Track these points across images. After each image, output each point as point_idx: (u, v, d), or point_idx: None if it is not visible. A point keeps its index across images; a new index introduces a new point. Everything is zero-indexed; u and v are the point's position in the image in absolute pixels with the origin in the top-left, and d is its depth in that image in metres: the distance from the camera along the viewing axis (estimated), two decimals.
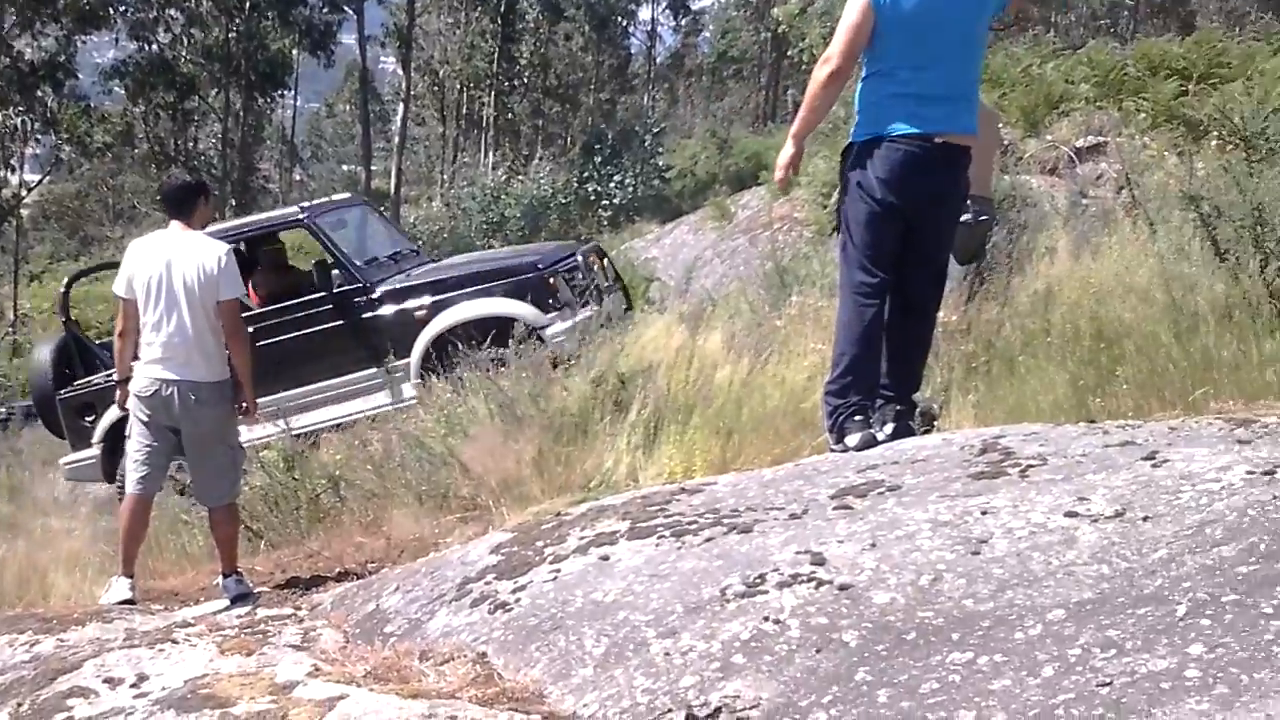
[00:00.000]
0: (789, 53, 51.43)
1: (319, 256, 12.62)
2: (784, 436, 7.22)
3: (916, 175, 5.32)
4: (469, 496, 7.90)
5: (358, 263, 12.17)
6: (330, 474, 8.99)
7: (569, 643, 3.93)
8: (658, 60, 73.41)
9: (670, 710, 3.30)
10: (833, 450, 5.48)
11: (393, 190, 47.40)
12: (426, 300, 11.77)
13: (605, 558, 4.50)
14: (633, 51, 70.85)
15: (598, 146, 40.18)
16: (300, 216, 12.50)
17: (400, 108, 50.53)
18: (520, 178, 39.57)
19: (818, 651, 3.37)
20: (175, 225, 6.91)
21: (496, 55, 53.18)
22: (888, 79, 5.36)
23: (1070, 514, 3.86)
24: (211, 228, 14.58)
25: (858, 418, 5.41)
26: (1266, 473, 3.87)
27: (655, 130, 42.07)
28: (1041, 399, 6.45)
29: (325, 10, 48.59)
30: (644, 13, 68.62)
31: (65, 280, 14.67)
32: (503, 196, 37.04)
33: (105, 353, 13.18)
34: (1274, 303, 6.16)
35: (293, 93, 59.43)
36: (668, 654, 3.60)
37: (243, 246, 13.03)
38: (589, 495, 6.80)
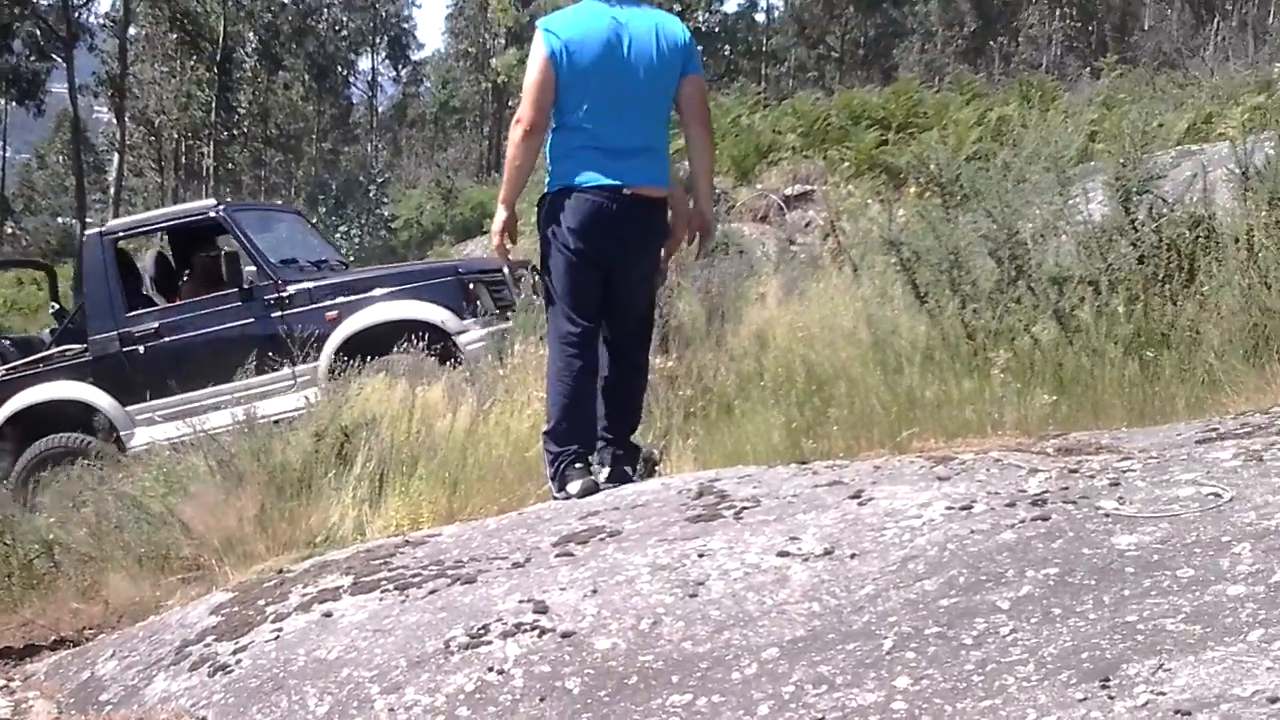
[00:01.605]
0: (510, 103, 51.81)
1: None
2: (510, 485, 7.24)
3: (606, 226, 5.38)
4: (191, 557, 7.68)
5: (272, 259, 11.40)
6: (43, 538, 8.63)
7: (292, 703, 3.87)
8: (379, 110, 73.05)
9: None
10: (555, 498, 5.53)
11: None
12: (339, 300, 11.10)
13: (328, 614, 4.45)
14: (354, 101, 70.39)
15: (322, 197, 39.57)
16: (212, 210, 11.87)
17: (115, 158, 48.97)
18: None
19: (541, 700, 3.40)
20: None
21: (214, 104, 52.00)
22: (575, 131, 5.42)
23: (783, 554, 3.98)
24: (125, 219, 13.94)
25: (578, 465, 5.44)
26: (964, 508, 4.05)
27: (380, 180, 41.64)
28: (758, 441, 6.62)
29: (33, 59, 46.88)
30: (364, 63, 68.29)
31: None
32: None
33: (10, 347, 12.67)
34: (971, 343, 6.44)
35: (1, 143, 57.18)
36: (392, 710, 3.59)
37: (167, 248, 12.61)
38: (314, 551, 6.70)
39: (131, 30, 50.09)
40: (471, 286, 11.20)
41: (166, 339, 11.33)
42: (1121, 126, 7.50)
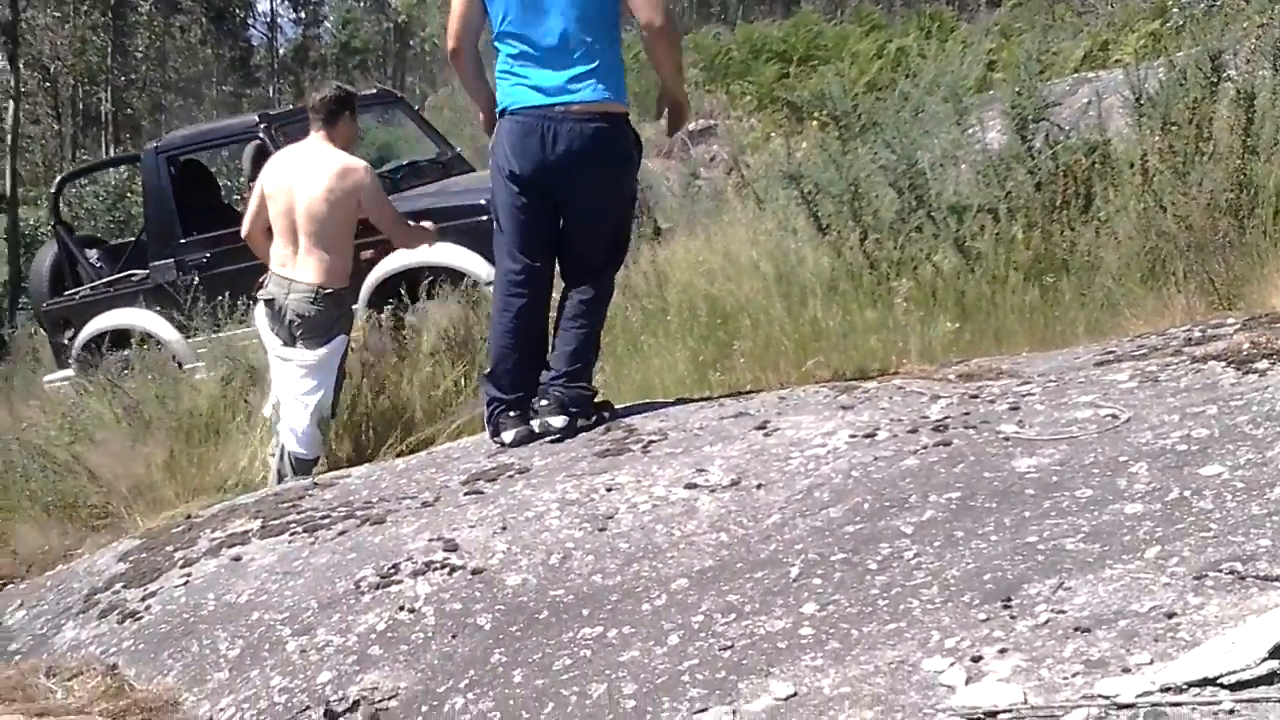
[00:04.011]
0: (411, 43, 51.20)
1: None
2: (419, 425, 7.24)
3: (542, 151, 4.98)
4: (99, 504, 7.61)
5: None
6: None
7: (202, 647, 3.86)
8: (280, 52, 71.88)
9: (308, 708, 3.29)
10: (493, 441, 5.32)
11: (8, 191, 44.93)
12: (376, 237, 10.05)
13: (237, 558, 4.44)
14: (254, 44, 69.07)
15: None
16: (255, 125, 11.01)
17: (11, 105, 47.79)
18: None
19: (453, 637, 3.41)
20: None
21: (110, 49, 50.89)
22: (508, 49, 5.05)
23: (690, 485, 4.02)
24: (180, 132, 13.05)
25: (513, 413, 5.13)
26: (868, 435, 4.11)
27: None
28: (666, 376, 6.64)
29: None
30: (263, 4, 67.13)
31: (56, 182, 13.88)
32: (128, 195, 35.55)
33: (99, 261, 12.12)
34: (873, 273, 6.49)
35: None
36: (304, 651, 3.59)
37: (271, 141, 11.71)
38: (223, 496, 6.66)
39: None
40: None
41: (217, 269, 10.38)
42: (1018, 55, 7.55)
